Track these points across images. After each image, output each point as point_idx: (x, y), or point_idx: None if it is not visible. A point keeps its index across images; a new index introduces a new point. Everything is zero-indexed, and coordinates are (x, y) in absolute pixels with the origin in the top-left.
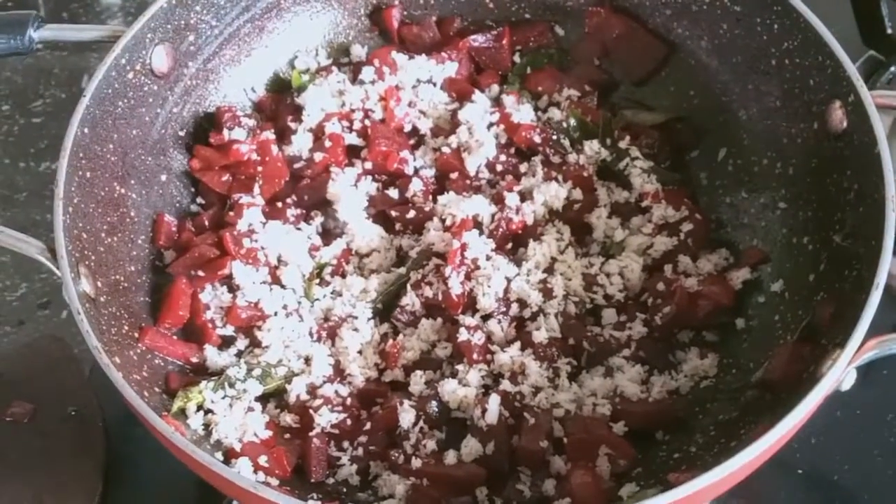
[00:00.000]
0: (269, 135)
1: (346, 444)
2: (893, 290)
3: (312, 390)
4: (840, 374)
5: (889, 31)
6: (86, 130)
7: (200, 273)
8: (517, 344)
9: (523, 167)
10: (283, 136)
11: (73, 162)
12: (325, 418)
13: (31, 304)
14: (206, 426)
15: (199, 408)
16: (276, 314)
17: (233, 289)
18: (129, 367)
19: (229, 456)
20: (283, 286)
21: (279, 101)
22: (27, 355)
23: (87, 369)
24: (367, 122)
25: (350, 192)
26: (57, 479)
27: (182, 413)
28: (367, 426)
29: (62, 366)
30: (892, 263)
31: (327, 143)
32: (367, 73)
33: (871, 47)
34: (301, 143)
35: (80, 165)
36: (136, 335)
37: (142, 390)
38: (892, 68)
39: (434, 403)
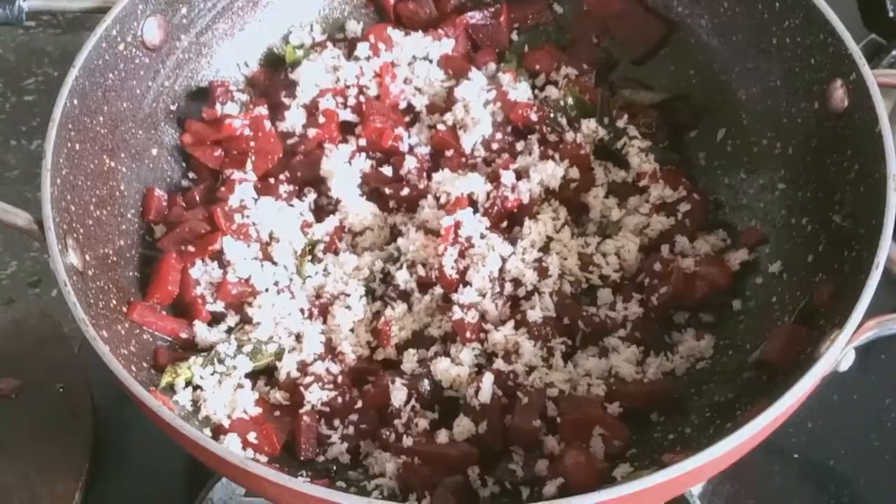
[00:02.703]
0: (263, 110)
1: (336, 422)
2: (893, 275)
3: (303, 368)
4: (838, 354)
5: (891, 13)
6: (75, 102)
7: (191, 248)
8: (511, 323)
9: (519, 145)
10: (277, 112)
11: (62, 133)
12: (316, 396)
13: (22, 282)
14: (195, 402)
15: (188, 384)
16: (267, 291)
17: (223, 265)
18: (117, 342)
19: (217, 432)
20: (274, 263)
21: (273, 77)
22: (15, 331)
23: (76, 346)
24: (361, 98)
25: (344, 168)
26: (44, 456)
27: (170, 388)
28: (359, 404)
29: (51, 342)
30: (893, 248)
31: (321, 119)
32: (362, 49)
33: (872, 30)
34: (294, 118)
35: (69, 137)
36: (125, 310)
37: (129, 365)
38: (894, 52)
39: (426, 382)
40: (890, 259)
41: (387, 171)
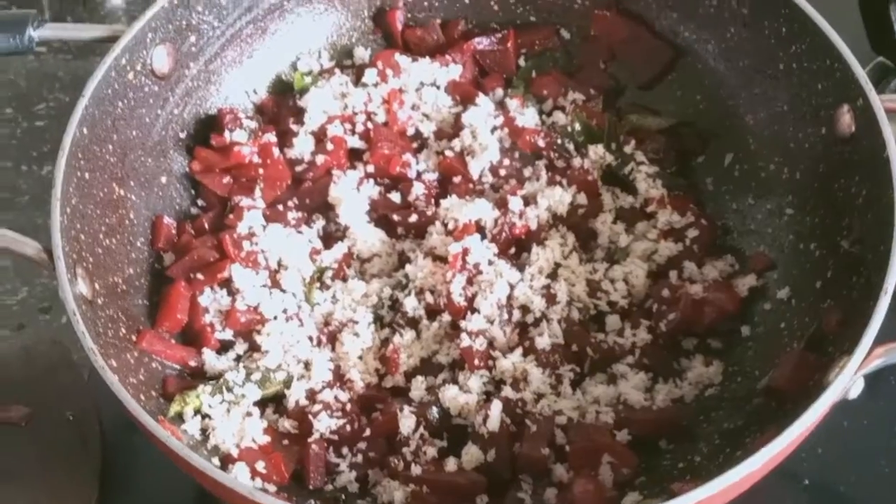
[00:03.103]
0: (271, 137)
1: (345, 450)
2: None
3: (312, 396)
4: (847, 381)
5: None
6: (84, 131)
7: (199, 276)
8: (519, 350)
9: (527, 171)
10: (285, 139)
11: (72, 162)
12: (324, 424)
13: (32, 308)
14: (203, 431)
15: (197, 412)
16: (275, 318)
17: (232, 292)
18: (126, 371)
19: (226, 461)
20: (283, 290)
21: (281, 104)
22: (25, 358)
23: (85, 374)
24: (369, 124)
25: (352, 195)
26: (53, 485)
27: (179, 417)
28: (367, 432)
29: (61, 370)
30: None
31: (329, 146)
32: (369, 75)
33: (879, 53)
34: (303, 145)
35: (78, 166)
36: (134, 338)
37: (138, 394)
38: None
39: (435, 410)
40: None
41: (395, 197)
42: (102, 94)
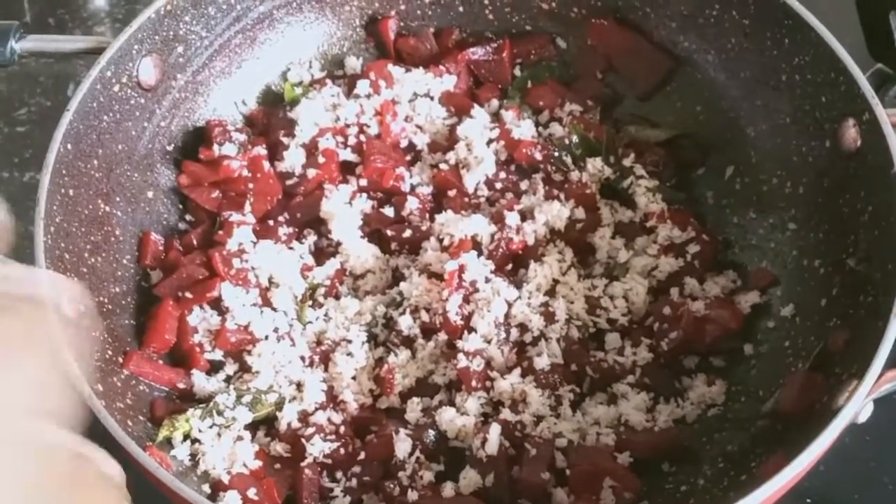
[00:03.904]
0: (261, 150)
1: (339, 474)
2: None
3: (304, 418)
4: (859, 406)
5: None
6: (69, 146)
7: (188, 295)
8: (518, 370)
9: (524, 185)
10: (276, 152)
11: (56, 179)
12: (318, 447)
13: None
14: (193, 456)
15: (186, 437)
16: (266, 338)
17: (222, 311)
18: (112, 396)
19: (217, 488)
20: (274, 309)
21: (271, 115)
22: None
23: None
24: (361, 137)
25: (344, 209)
26: None
27: (168, 443)
28: (361, 456)
29: None
30: None
31: (321, 160)
32: (362, 86)
33: (878, 60)
34: (293, 158)
35: (62, 183)
36: (120, 360)
37: (125, 420)
38: None
39: (431, 432)
40: None
41: (388, 211)
42: (87, 108)
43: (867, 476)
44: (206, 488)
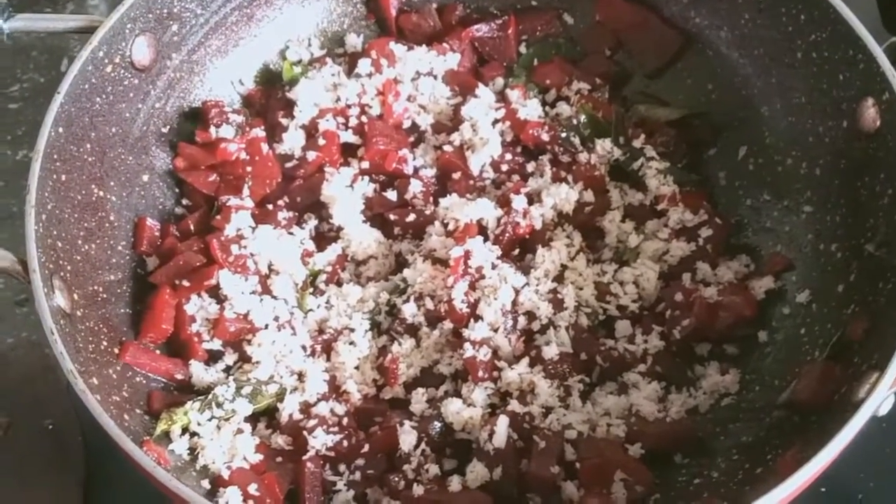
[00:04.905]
0: (259, 132)
1: (342, 467)
2: None
3: (306, 409)
4: (880, 399)
5: None
6: (60, 130)
7: (185, 283)
8: (526, 360)
9: (530, 167)
10: (274, 133)
11: (47, 165)
12: (320, 440)
13: (9, 300)
14: (192, 450)
15: (185, 430)
16: (266, 327)
17: (220, 299)
18: (108, 388)
19: (217, 484)
20: (274, 296)
21: (269, 95)
22: (1, 365)
23: (64, 380)
24: (363, 118)
25: (345, 193)
26: (34, 497)
27: (166, 436)
28: (365, 448)
29: (39, 376)
30: None
31: (321, 141)
32: (363, 65)
33: (893, 33)
34: (293, 140)
35: (54, 168)
36: (117, 351)
37: (122, 413)
38: None
39: (437, 424)
40: None
41: (391, 195)
42: (79, 90)
43: (883, 465)
44: (206, 484)
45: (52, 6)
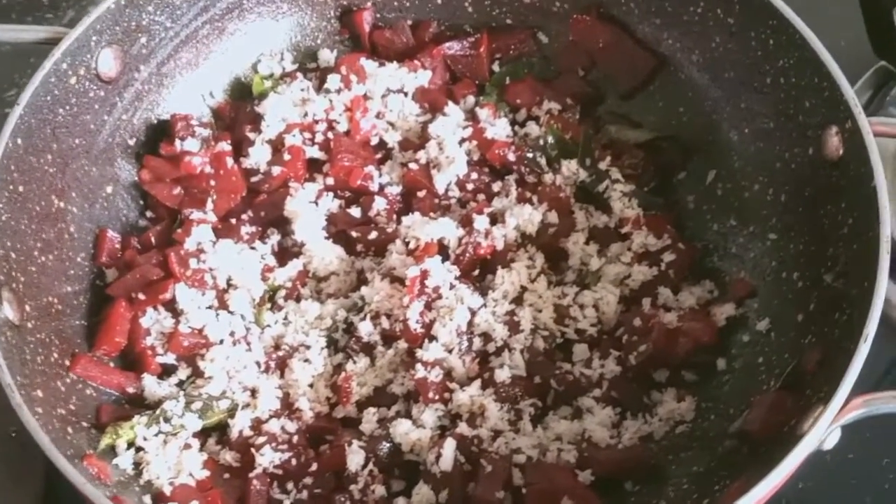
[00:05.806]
0: (225, 146)
1: (289, 485)
2: (892, 321)
3: (257, 426)
4: (823, 433)
5: None
6: (19, 141)
7: (141, 296)
8: (478, 382)
9: (496, 186)
10: (241, 148)
11: (3, 176)
12: (268, 457)
13: None
14: (137, 465)
15: (130, 445)
16: (221, 342)
17: (176, 314)
18: (54, 401)
19: (159, 500)
20: (230, 312)
21: (238, 109)
22: None
23: None
24: (330, 134)
25: (309, 209)
26: None
27: (111, 450)
28: (313, 467)
29: None
30: (890, 289)
31: (286, 157)
32: (332, 81)
33: (882, 58)
34: (259, 155)
35: (10, 179)
36: (67, 363)
37: (65, 426)
38: None
39: (385, 445)
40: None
41: (355, 212)
42: (40, 102)
43: (848, 496)
44: (148, 500)
45: (53, 12)
